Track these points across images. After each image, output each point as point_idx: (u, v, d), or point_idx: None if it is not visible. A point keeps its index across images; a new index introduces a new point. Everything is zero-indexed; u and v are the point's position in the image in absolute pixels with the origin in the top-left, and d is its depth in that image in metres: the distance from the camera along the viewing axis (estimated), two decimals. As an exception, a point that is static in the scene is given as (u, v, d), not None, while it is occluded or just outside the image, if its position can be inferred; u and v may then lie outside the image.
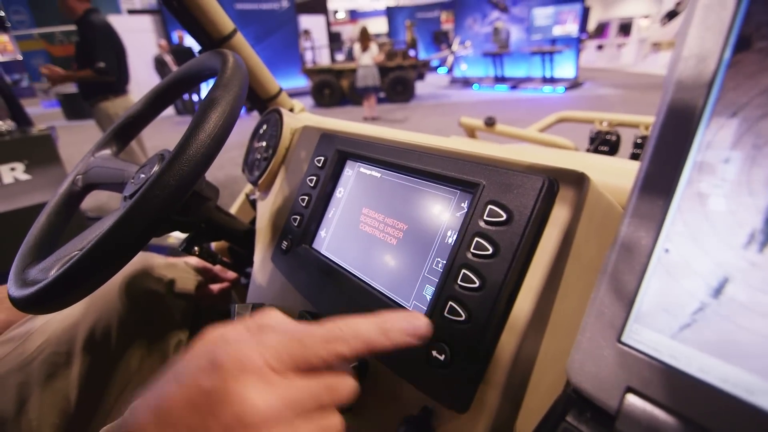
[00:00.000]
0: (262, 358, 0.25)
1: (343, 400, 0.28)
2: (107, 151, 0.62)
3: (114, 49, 2.66)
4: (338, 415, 0.28)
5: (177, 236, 1.29)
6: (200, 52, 0.76)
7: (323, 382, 0.27)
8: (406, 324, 0.29)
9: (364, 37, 6.68)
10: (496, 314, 0.31)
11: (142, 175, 0.49)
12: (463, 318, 0.32)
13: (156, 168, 0.47)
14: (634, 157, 1.31)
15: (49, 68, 2.67)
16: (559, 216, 0.32)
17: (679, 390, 0.23)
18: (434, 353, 0.33)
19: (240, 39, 0.78)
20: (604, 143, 1.41)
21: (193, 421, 0.23)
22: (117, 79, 2.70)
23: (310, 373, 0.26)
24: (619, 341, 0.26)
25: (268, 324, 0.28)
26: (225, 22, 0.75)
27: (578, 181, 0.32)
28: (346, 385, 0.28)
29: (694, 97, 0.25)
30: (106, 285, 0.42)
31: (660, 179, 0.25)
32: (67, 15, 2.61)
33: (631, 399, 0.25)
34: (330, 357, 0.27)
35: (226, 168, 4.36)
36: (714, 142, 0.24)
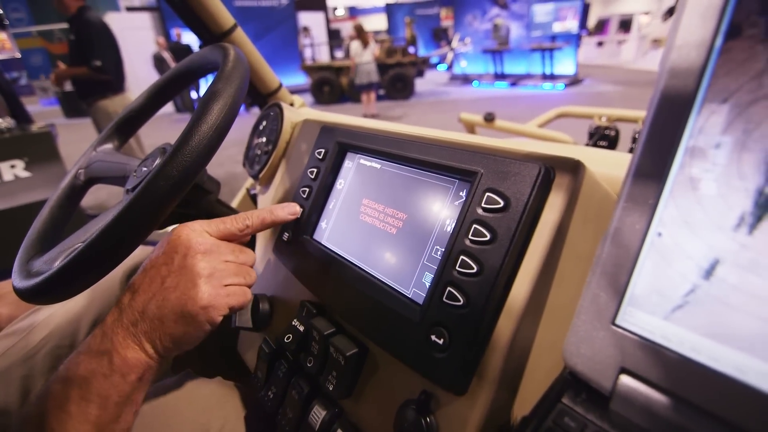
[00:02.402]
0: (199, 225, 0.44)
1: (248, 260, 0.47)
2: (109, 146, 0.62)
3: (110, 48, 2.65)
4: (251, 268, 0.47)
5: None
6: (201, 47, 0.76)
7: (237, 246, 0.46)
8: (287, 208, 0.51)
9: (362, 33, 6.66)
10: (493, 299, 0.32)
11: (144, 169, 0.50)
12: (461, 303, 0.33)
13: (158, 161, 0.48)
14: (632, 151, 1.31)
15: (59, 66, 2.67)
16: (555, 203, 0.32)
17: (672, 370, 0.24)
18: (433, 338, 0.34)
19: (240, 34, 0.78)
20: (603, 138, 1.41)
21: (164, 259, 0.42)
22: (114, 77, 2.69)
23: (228, 242, 0.46)
24: (614, 324, 0.26)
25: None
26: (225, 17, 0.75)
27: (574, 168, 0.33)
28: (249, 252, 0.47)
29: (687, 84, 0.25)
30: (107, 279, 0.49)
31: (653, 165, 0.26)
32: (60, 11, 2.60)
33: (625, 380, 0.25)
34: (240, 226, 0.46)
35: (225, 165, 4.36)
36: (705, 128, 0.24)
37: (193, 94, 8.00)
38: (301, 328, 0.47)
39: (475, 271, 0.33)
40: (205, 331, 0.42)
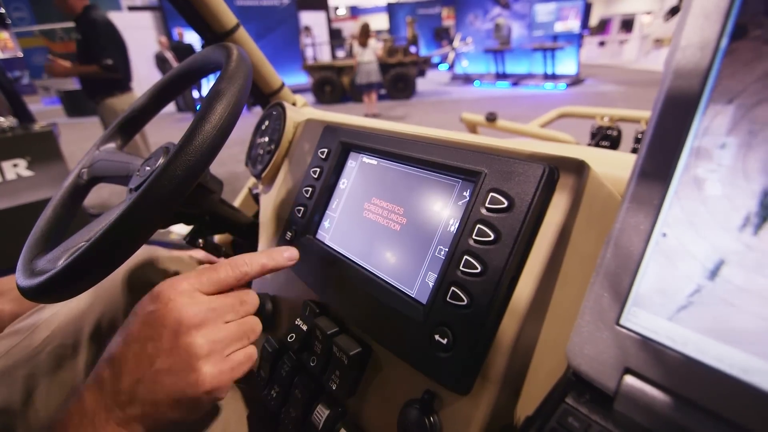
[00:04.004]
0: (188, 284, 0.37)
1: (252, 309, 0.41)
2: (112, 145, 0.62)
3: (117, 46, 2.66)
4: (255, 318, 0.41)
5: (178, 232, 1.30)
6: (203, 46, 0.76)
7: (236, 296, 0.40)
8: (285, 254, 0.45)
9: (364, 34, 6.66)
10: (497, 299, 0.32)
11: (148, 168, 0.50)
12: (465, 303, 0.33)
13: (162, 160, 0.48)
14: (635, 151, 1.31)
15: (54, 59, 2.65)
16: (559, 203, 0.32)
17: (676, 370, 0.24)
18: (437, 337, 0.34)
19: (243, 33, 0.78)
20: (605, 138, 1.41)
21: (150, 333, 0.35)
22: (123, 75, 2.69)
23: (226, 293, 0.39)
24: (618, 324, 0.26)
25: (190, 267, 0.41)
26: (228, 17, 0.75)
27: (578, 169, 0.32)
28: (252, 297, 0.41)
29: (692, 84, 0.25)
30: (111, 278, 0.46)
31: (658, 165, 0.26)
32: (64, 11, 2.60)
33: (629, 380, 0.25)
34: (237, 275, 0.40)
35: (227, 165, 4.37)
36: (710, 129, 0.24)
37: (195, 94, 8.00)
38: (305, 328, 0.47)
39: (478, 271, 0.33)
40: (208, 410, 0.40)
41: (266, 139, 0.72)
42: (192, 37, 8.61)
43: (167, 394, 0.34)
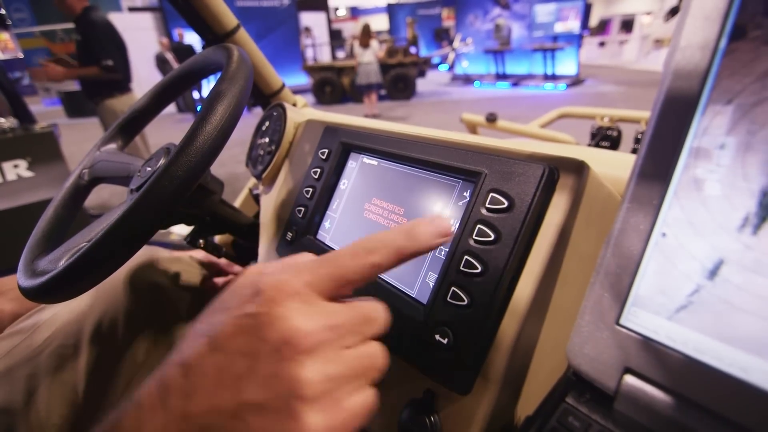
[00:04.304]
0: (300, 281, 0.26)
1: (379, 330, 0.28)
2: (113, 146, 0.63)
3: (117, 47, 2.66)
4: (378, 345, 0.28)
5: (179, 232, 1.30)
6: (204, 47, 0.76)
7: (361, 310, 0.27)
8: (431, 227, 0.29)
9: (365, 34, 6.67)
10: (497, 299, 0.32)
11: (149, 168, 0.50)
12: (465, 303, 0.33)
13: (163, 161, 0.48)
14: (635, 152, 1.31)
15: (47, 64, 2.65)
16: (559, 203, 0.33)
17: (676, 370, 0.24)
18: (437, 337, 0.34)
19: (243, 34, 0.79)
20: (606, 139, 1.41)
21: (243, 345, 0.24)
22: (123, 76, 2.70)
23: (347, 302, 0.28)
24: (618, 324, 0.26)
25: (301, 258, 0.29)
26: (229, 18, 0.76)
27: (578, 169, 0.33)
28: (381, 314, 0.28)
29: (691, 85, 0.25)
30: (112, 278, 0.43)
31: (657, 165, 0.26)
32: (64, 12, 2.60)
33: (629, 379, 0.25)
34: (364, 269, 0.28)
35: (228, 165, 4.37)
36: (710, 129, 0.24)
37: (195, 94, 8.01)
38: (305, 328, 0.47)
39: (479, 271, 0.33)
40: None
41: (267, 139, 0.72)
42: (192, 38, 8.62)
43: None
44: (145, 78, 6.03)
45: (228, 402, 0.23)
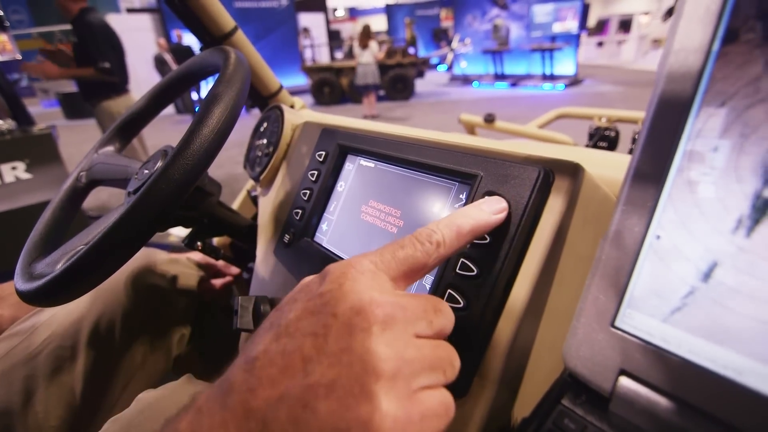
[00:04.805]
0: (367, 260, 0.26)
1: (448, 324, 0.27)
2: (110, 148, 0.63)
3: (114, 49, 2.66)
4: (451, 347, 0.27)
5: (177, 234, 1.30)
6: (202, 49, 0.76)
7: (427, 298, 0.26)
8: (486, 204, 0.32)
9: (365, 35, 6.68)
10: (493, 301, 0.32)
11: (146, 171, 0.50)
12: (461, 305, 0.33)
13: (160, 163, 0.48)
14: (632, 152, 1.32)
15: (43, 61, 2.64)
16: (554, 206, 0.33)
17: (671, 372, 0.24)
18: (433, 340, 0.34)
19: (241, 36, 0.79)
20: (603, 139, 1.41)
21: (312, 326, 0.23)
22: (119, 78, 2.69)
23: (416, 294, 0.27)
24: (613, 326, 0.27)
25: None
26: (226, 20, 0.76)
27: (573, 171, 0.33)
28: (448, 309, 0.27)
29: (685, 88, 0.25)
30: (109, 280, 0.43)
31: (651, 168, 0.26)
32: (62, 13, 2.61)
33: (625, 381, 0.25)
34: (429, 250, 0.27)
35: (225, 166, 4.37)
36: (703, 132, 0.25)
37: (194, 96, 8.01)
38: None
39: (474, 273, 0.33)
40: None
41: (264, 141, 0.72)
42: (190, 39, 8.62)
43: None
44: (143, 79, 6.02)
45: (294, 388, 0.21)
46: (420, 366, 0.23)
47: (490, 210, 0.32)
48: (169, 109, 8.56)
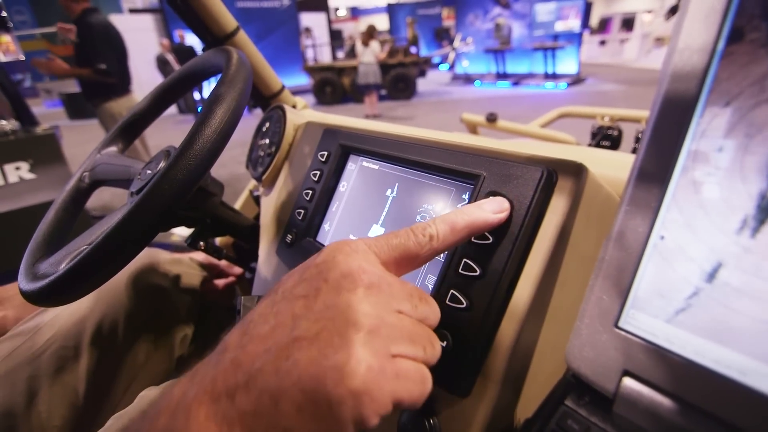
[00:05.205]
0: (361, 242, 0.28)
1: (434, 316, 0.29)
2: (113, 149, 0.63)
3: (114, 50, 2.66)
4: (434, 335, 0.28)
5: (180, 234, 1.31)
6: (204, 50, 0.76)
7: (414, 287, 0.28)
8: (487, 203, 0.32)
9: (368, 34, 6.68)
10: (496, 301, 0.32)
11: (149, 171, 0.50)
12: (464, 305, 0.33)
13: (163, 163, 0.48)
14: (635, 151, 1.31)
15: (54, 58, 2.66)
16: (557, 206, 0.33)
17: (675, 372, 0.24)
18: (436, 340, 0.34)
19: (243, 37, 0.79)
20: (606, 138, 1.41)
21: (305, 289, 0.25)
22: (119, 79, 2.70)
23: (403, 281, 0.28)
24: (617, 326, 0.26)
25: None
26: (228, 20, 0.76)
27: (577, 171, 0.33)
28: (433, 305, 0.29)
29: (689, 87, 0.25)
30: (112, 280, 0.43)
31: (656, 168, 0.26)
32: (66, 13, 2.62)
33: (628, 382, 0.25)
34: (421, 241, 0.29)
35: (228, 166, 4.38)
36: (708, 131, 0.24)
37: (196, 95, 8.03)
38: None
39: (477, 273, 0.33)
40: None
41: (267, 141, 0.72)
42: (193, 40, 8.63)
43: (296, 382, 0.21)
44: (146, 79, 6.04)
45: (281, 341, 0.23)
46: (399, 333, 0.25)
47: (491, 209, 0.32)
48: (172, 109, 8.59)
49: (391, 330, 0.24)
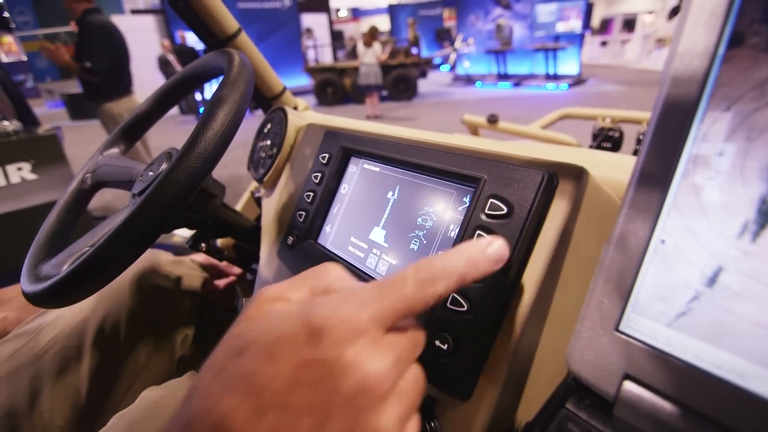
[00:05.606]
0: (366, 316, 0.22)
1: (420, 352, 0.26)
2: (115, 150, 0.63)
3: (109, 50, 2.66)
4: (419, 368, 0.25)
5: (181, 234, 1.31)
6: (205, 51, 0.77)
7: (412, 336, 0.25)
8: (489, 251, 0.27)
9: (370, 35, 6.69)
10: (497, 305, 0.32)
11: (151, 173, 0.50)
12: (465, 309, 0.33)
13: (165, 165, 0.48)
14: (637, 153, 1.31)
15: (58, 47, 2.68)
16: (558, 209, 0.33)
17: (675, 376, 0.24)
18: (437, 343, 0.34)
19: (245, 38, 0.79)
20: (607, 140, 1.41)
21: (309, 400, 0.20)
22: (114, 80, 2.70)
23: (401, 328, 0.24)
24: (617, 330, 0.26)
25: (333, 285, 0.26)
26: (230, 22, 0.76)
27: (577, 175, 0.33)
28: (424, 336, 0.26)
29: (690, 91, 0.25)
30: (114, 281, 0.43)
31: (656, 172, 0.26)
32: (70, 14, 2.64)
33: (629, 386, 0.25)
34: (428, 300, 0.24)
35: (230, 167, 4.38)
36: (708, 136, 0.24)
37: (197, 96, 8.04)
38: (306, 332, 0.48)
39: (479, 276, 0.33)
40: None
41: (268, 142, 0.72)
42: (194, 40, 8.65)
43: None
44: (147, 80, 6.05)
45: None
46: (410, 410, 0.23)
47: (494, 258, 0.27)
48: (173, 110, 8.59)
49: (407, 414, 0.23)
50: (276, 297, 0.25)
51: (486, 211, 0.35)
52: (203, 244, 0.68)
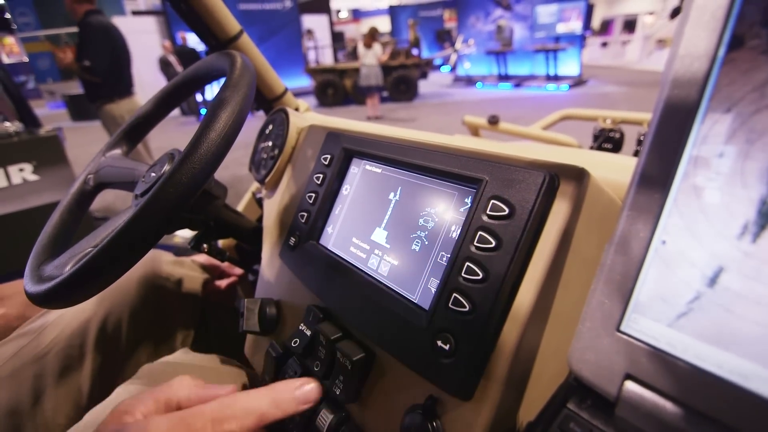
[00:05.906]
0: None
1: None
2: (117, 151, 0.63)
3: (109, 51, 2.67)
4: None
5: (183, 235, 1.31)
6: (207, 53, 0.77)
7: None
8: (297, 393, 0.33)
9: (370, 36, 6.70)
10: (499, 305, 0.32)
11: (153, 174, 0.50)
12: (467, 309, 0.33)
13: (167, 167, 0.48)
14: (638, 154, 1.31)
15: (65, 50, 2.71)
16: (559, 210, 0.33)
17: (677, 376, 0.24)
18: (439, 343, 0.34)
19: (246, 40, 0.79)
20: (608, 141, 1.41)
21: None
22: (114, 80, 2.71)
23: None
24: (618, 330, 0.27)
25: (178, 395, 0.32)
26: (232, 24, 0.76)
27: (579, 176, 0.33)
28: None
29: (690, 93, 0.25)
30: (116, 282, 0.45)
31: (657, 173, 0.26)
32: (71, 16, 2.65)
33: (630, 386, 0.25)
34: None
35: (231, 168, 4.38)
36: (709, 137, 0.25)
37: (198, 97, 8.06)
38: (308, 333, 0.48)
39: (480, 277, 0.33)
40: None
41: (270, 144, 0.72)
42: (195, 42, 8.67)
43: None
44: (148, 81, 6.06)
45: None
46: None
47: (301, 400, 0.33)
48: (174, 111, 8.62)
49: None
50: (124, 411, 0.31)
51: (488, 212, 0.35)
52: (205, 245, 0.68)
